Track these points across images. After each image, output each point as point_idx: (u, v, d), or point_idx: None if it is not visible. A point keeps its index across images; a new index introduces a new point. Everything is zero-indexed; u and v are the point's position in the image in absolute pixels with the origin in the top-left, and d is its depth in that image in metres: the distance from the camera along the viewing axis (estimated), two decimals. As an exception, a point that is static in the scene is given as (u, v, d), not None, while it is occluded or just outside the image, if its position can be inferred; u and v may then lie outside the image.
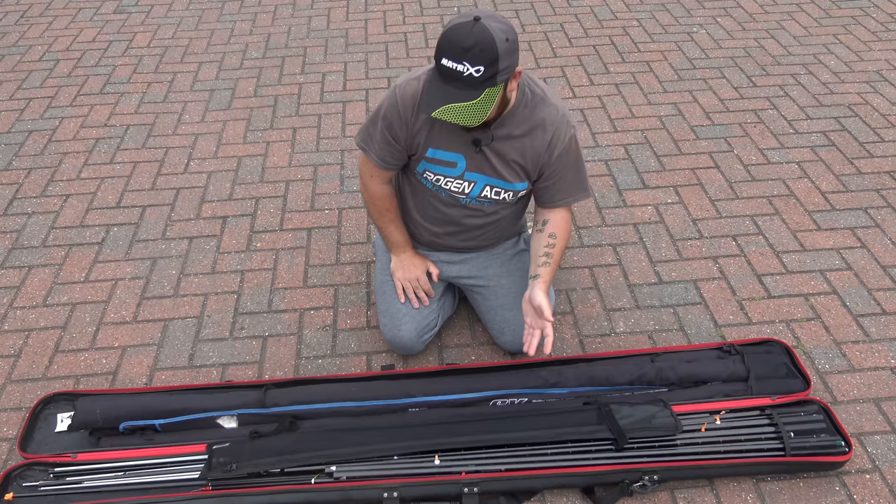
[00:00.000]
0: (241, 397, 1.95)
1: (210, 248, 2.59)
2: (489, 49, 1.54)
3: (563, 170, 1.87)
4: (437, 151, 1.84)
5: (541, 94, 1.80)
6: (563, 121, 1.81)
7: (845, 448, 1.82)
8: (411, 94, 1.78)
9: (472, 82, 1.56)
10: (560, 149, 1.82)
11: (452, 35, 1.56)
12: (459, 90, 1.57)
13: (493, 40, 1.54)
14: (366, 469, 1.77)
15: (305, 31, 4.01)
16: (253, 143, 3.13)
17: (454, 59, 1.55)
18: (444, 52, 1.57)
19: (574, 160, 1.88)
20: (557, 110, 1.80)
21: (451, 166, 1.86)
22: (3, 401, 2.07)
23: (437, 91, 1.60)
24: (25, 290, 2.44)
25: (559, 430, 1.82)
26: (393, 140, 1.85)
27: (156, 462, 1.82)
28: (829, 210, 2.71)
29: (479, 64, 1.54)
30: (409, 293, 2.09)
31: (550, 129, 1.80)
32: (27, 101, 3.43)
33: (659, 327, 2.27)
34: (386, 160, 1.91)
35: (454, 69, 1.56)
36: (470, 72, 1.55)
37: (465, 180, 1.88)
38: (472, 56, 1.54)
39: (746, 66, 3.61)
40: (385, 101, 1.84)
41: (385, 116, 1.83)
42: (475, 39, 1.54)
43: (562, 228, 1.94)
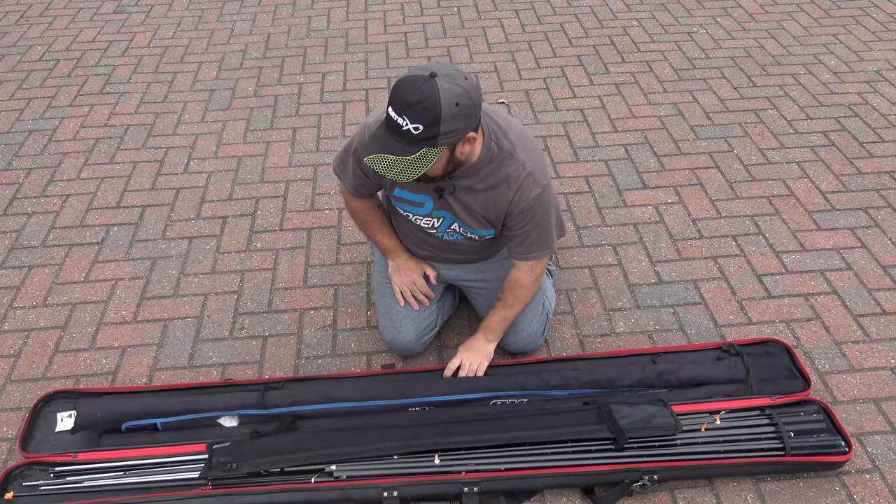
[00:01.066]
0: (241, 399, 1.95)
1: (210, 248, 2.60)
2: (432, 110, 1.47)
3: (527, 227, 1.81)
4: (403, 192, 1.86)
5: (509, 149, 1.72)
6: (528, 179, 1.73)
7: (845, 448, 1.82)
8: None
9: (410, 138, 1.50)
10: (522, 206, 1.76)
11: (401, 86, 1.50)
12: (397, 142, 1.52)
13: (438, 102, 1.47)
14: (366, 468, 1.77)
15: (305, 31, 4.01)
16: (253, 143, 3.13)
17: (397, 111, 1.50)
18: (391, 101, 1.52)
19: (540, 219, 1.81)
20: (524, 167, 1.72)
21: (418, 206, 1.87)
22: (3, 401, 2.07)
23: (378, 138, 1.56)
24: (25, 290, 2.44)
25: (559, 430, 1.82)
26: (363, 174, 1.88)
27: (156, 461, 1.82)
28: (829, 210, 2.72)
29: (418, 122, 1.48)
30: (407, 297, 2.09)
31: (514, 185, 1.74)
32: (27, 101, 3.43)
33: (659, 327, 2.27)
34: (358, 190, 1.95)
35: (395, 121, 1.51)
36: (408, 127, 1.49)
37: (434, 217, 1.88)
38: (414, 113, 1.48)
39: (746, 66, 3.61)
40: (355, 138, 1.83)
41: (355, 153, 1.83)
42: (420, 97, 1.47)
43: (510, 286, 1.94)
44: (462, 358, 2.02)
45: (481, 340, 2.03)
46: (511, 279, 1.94)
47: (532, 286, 1.95)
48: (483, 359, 2.02)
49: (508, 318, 2.00)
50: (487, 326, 2.02)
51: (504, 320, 2.00)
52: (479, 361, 2.01)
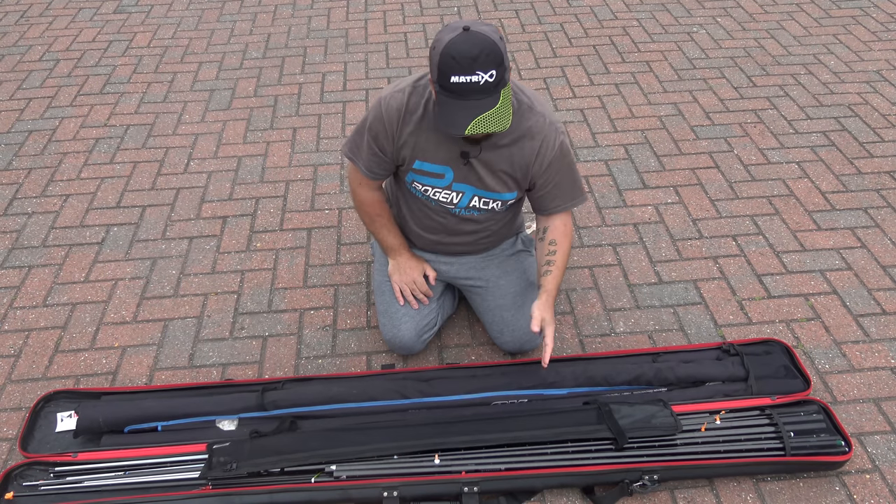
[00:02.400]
0: (241, 400, 1.95)
1: (210, 248, 2.60)
2: (494, 52, 1.54)
3: (557, 177, 1.85)
4: (423, 164, 1.84)
5: (528, 102, 1.78)
6: (550, 128, 1.78)
7: (845, 448, 1.82)
8: (396, 107, 1.76)
9: (489, 89, 1.54)
10: (550, 157, 1.80)
11: (453, 50, 1.52)
12: (479, 101, 1.55)
13: (494, 42, 1.54)
14: (366, 468, 1.77)
15: (305, 31, 4.01)
16: (253, 143, 3.14)
17: (465, 72, 1.52)
18: (451, 70, 1.53)
19: (567, 167, 1.86)
20: (545, 118, 1.78)
21: (438, 177, 1.86)
22: (3, 401, 2.07)
23: (457, 110, 1.56)
24: (25, 290, 2.44)
25: (559, 430, 1.82)
26: (380, 151, 1.85)
27: (156, 461, 1.82)
28: (829, 210, 2.72)
29: (491, 68, 1.53)
30: (406, 295, 2.08)
31: (538, 137, 1.77)
32: (27, 101, 3.43)
33: (659, 327, 2.27)
34: (373, 170, 1.91)
35: (468, 82, 1.53)
36: (485, 79, 1.53)
37: (453, 191, 1.87)
38: (482, 63, 1.52)
39: (746, 66, 3.61)
40: (370, 114, 1.82)
41: (371, 128, 1.82)
42: (480, 47, 1.52)
43: (562, 234, 1.93)
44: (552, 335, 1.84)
45: (551, 304, 1.87)
46: (559, 228, 1.91)
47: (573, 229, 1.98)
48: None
49: (563, 270, 1.92)
50: (557, 286, 1.89)
51: (562, 271, 1.91)
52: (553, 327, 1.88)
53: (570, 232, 1.95)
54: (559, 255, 1.90)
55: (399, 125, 1.78)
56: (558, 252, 1.90)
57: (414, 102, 1.77)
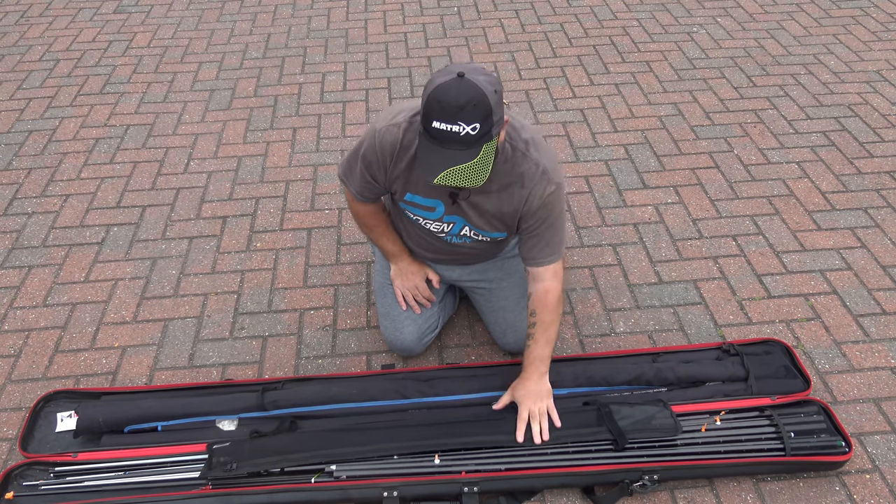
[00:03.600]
0: (241, 400, 1.95)
1: (210, 248, 2.60)
2: (482, 104, 1.47)
3: (539, 228, 1.77)
4: (415, 197, 1.82)
5: (522, 148, 1.71)
6: (542, 178, 1.71)
7: (845, 448, 1.82)
8: (390, 143, 1.73)
9: (469, 141, 1.48)
10: (537, 204, 1.73)
11: (441, 95, 1.47)
12: (458, 151, 1.49)
13: (484, 94, 1.47)
14: (366, 468, 1.77)
15: (305, 31, 4.01)
16: (253, 143, 3.13)
17: (447, 120, 1.47)
18: (434, 114, 1.48)
19: (556, 216, 1.77)
20: (538, 166, 1.70)
21: (429, 210, 1.84)
22: (3, 401, 2.07)
23: (434, 156, 1.51)
24: (25, 290, 2.44)
25: (559, 432, 1.81)
26: (372, 179, 1.83)
27: (156, 461, 1.82)
28: (829, 210, 2.72)
29: (475, 121, 1.47)
30: (409, 300, 2.08)
31: (528, 185, 1.71)
32: (27, 101, 3.43)
33: (659, 327, 2.27)
34: (364, 195, 1.91)
35: (449, 131, 1.47)
36: (466, 131, 1.47)
37: (445, 222, 1.86)
38: (466, 114, 1.46)
39: (746, 66, 3.61)
40: (365, 142, 1.79)
41: (364, 157, 1.80)
42: (468, 97, 1.46)
43: (541, 303, 1.80)
44: (527, 409, 1.81)
45: (534, 379, 1.83)
46: (540, 296, 1.81)
47: (562, 293, 1.84)
48: (546, 398, 1.83)
49: (552, 339, 1.83)
50: (535, 359, 1.82)
51: (549, 343, 1.82)
52: (544, 403, 1.83)
53: (552, 301, 1.81)
54: (538, 328, 1.81)
55: (392, 160, 1.75)
56: (537, 325, 1.81)
57: (409, 139, 1.71)
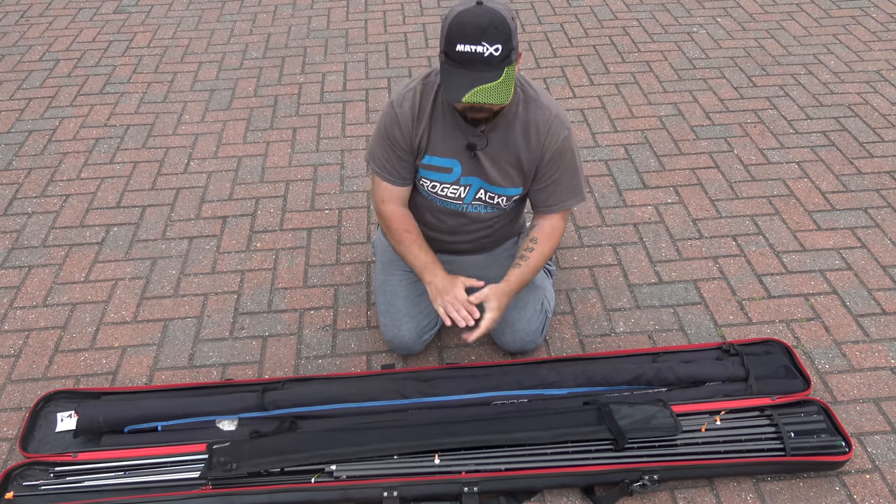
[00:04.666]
0: (241, 400, 1.95)
1: (210, 248, 2.60)
2: (503, 26, 1.54)
3: (557, 173, 1.85)
4: (432, 158, 1.84)
5: (534, 94, 1.79)
6: (555, 121, 1.78)
7: (845, 448, 1.82)
8: (409, 107, 1.78)
9: (493, 62, 1.54)
10: (553, 150, 1.80)
11: (464, 19, 1.54)
12: (481, 72, 1.55)
13: (504, 17, 1.55)
14: (366, 468, 1.77)
15: (305, 31, 4.01)
16: (253, 143, 3.13)
17: (471, 42, 1.53)
18: (458, 38, 1.54)
19: (569, 163, 1.85)
20: (550, 111, 1.78)
21: (446, 172, 1.86)
22: (3, 401, 2.07)
23: (459, 77, 1.56)
24: (25, 290, 2.44)
25: (559, 431, 1.82)
26: (401, 153, 1.85)
27: (156, 461, 1.82)
28: (829, 210, 2.72)
29: (497, 42, 1.53)
30: (454, 317, 1.87)
31: (543, 129, 1.78)
32: (27, 101, 3.43)
33: (659, 327, 2.27)
34: (402, 174, 1.89)
35: (472, 52, 1.53)
36: (489, 51, 1.53)
37: (461, 185, 1.88)
38: (490, 35, 1.53)
39: (746, 66, 3.61)
40: (385, 119, 1.82)
41: (387, 131, 1.82)
42: (488, 19, 1.53)
43: (546, 235, 1.91)
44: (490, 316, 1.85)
45: (506, 294, 1.88)
46: (546, 230, 1.91)
47: (561, 236, 1.94)
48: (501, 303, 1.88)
49: (539, 269, 1.93)
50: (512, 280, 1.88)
51: (535, 271, 1.91)
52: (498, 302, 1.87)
53: (555, 236, 1.92)
54: (535, 253, 1.89)
55: (414, 123, 1.79)
56: (535, 251, 1.90)
57: (425, 99, 1.79)
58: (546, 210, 1.92)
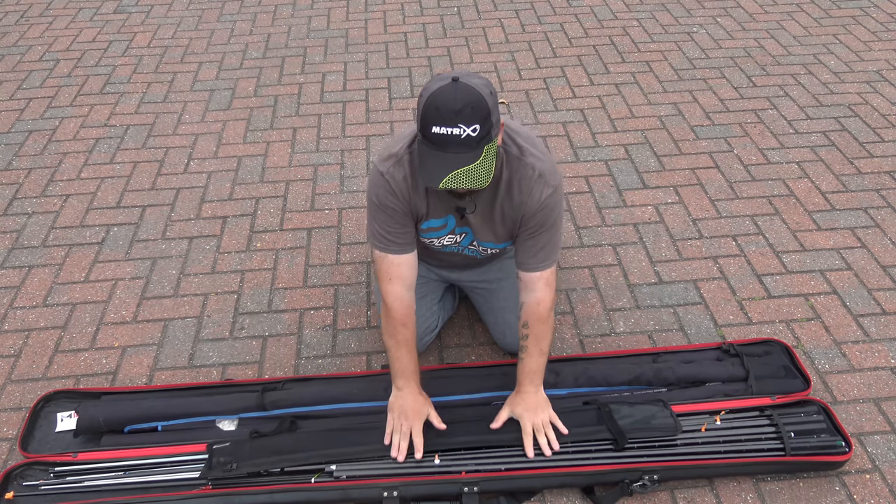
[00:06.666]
0: (241, 400, 1.95)
1: (210, 248, 2.60)
2: (479, 104, 1.47)
3: (540, 230, 1.76)
4: (430, 222, 1.81)
5: (516, 153, 1.70)
6: (539, 181, 1.70)
7: (845, 448, 1.82)
8: (403, 177, 1.71)
9: (470, 143, 1.48)
10: (535, 208, 1.72)
11: (438, 101, 1.47)
12: (459, 154, 1.48)
13: (481, 96, 1.48)
14: (366, 468, 1.77)
15: (305, 31, 4.01)
16: (253, 143, 3.14)
17: (447, 124, 1.46)
18: (433, 121, 1.48)
19: (553, 221, 1.76)
20: (534, 169, 1.69)
21: (442, 228, 1.84)
22: (3, 401, 2.07)
23: (436, 161, 1.50)
24: (25, 290, 2.44)
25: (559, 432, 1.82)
26: (402, 220, 1.77)
27: (156, 461, 1.82)
28: (829, 210, 2.72)
29: (475, 123, 1.47)
30: (394, 441, 1.78)
31: (526, 189, 1.71)
32: (27, 101, 3.43)
33: (659, 327, 2.27)
34: (406, 240, 1.80)
35: (449, 134, 1.47)
36: (467, 132, 1.46)
37: (456, 234, 1.86)
38: (465, 117, 1.46)
39: (746, 66, 3.61)
40: (378, 190, 1.74)
41: (384, 205, 1.74)
42: (465, 100, 1.46)
43: (534, 316, 1.78)
44: (530, 423, 1.79)
45: (531, 392, 1.82)
46: (532, 307, 1.78)
47: (553, 304, 1.81)
48: (546, 408, 1.82)
49: (545, 351, 1.81)
50: (530, 373, 1.81)
51: (542, 355, 1.81)
52: (545, 415, 1.81)
53: (543, 311, 1.78)
54: (531, 340, 1.79)
55: (410, 192, 1.74)
56: (530, 337, 1.79)
57: (414, 167, 1.70)
58: (526, 269, 1.79)
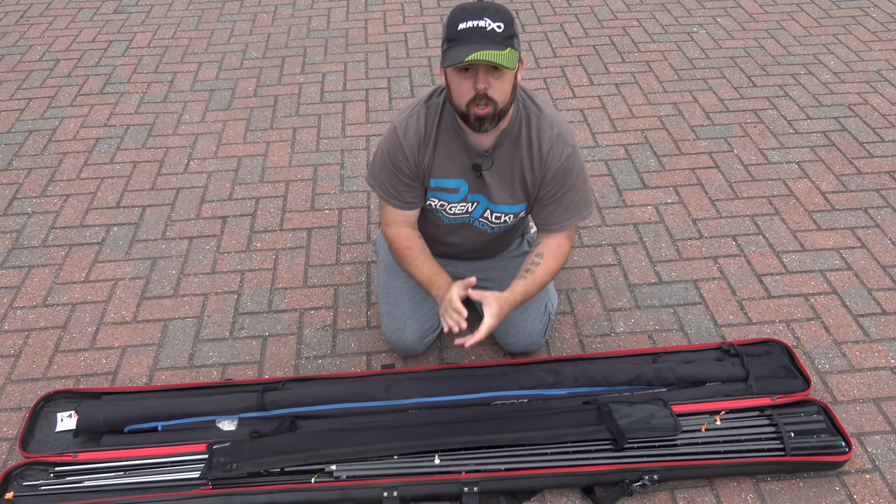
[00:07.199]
0: (241, 400, 1.95)
1: (210, 248, 2.60)
2: (504, 10, 1.56)
3: (559, 192, 1.81)
4: (440, 181, 1.82)
5: (536, 111, 1.75)
6: (557, 140, 1.75)
7: (845, 448, 1.82)
8: (414, 133, 1.75)
9: (496, 37, 1.52)
10: (555, 169, 1.77)
11: (464, 5, 1.56)
12: (484, 44, 1.51)
13: (505, 7, 1.58)
14: (366, 468, 1.77)
15: (305, 31, 4.01)
16: (253, 143, 3.13)
17: (473, 18, 1.53)
18: (458, 19, 1.54)
19: (572, 182, 1.80)
20: (552, 129, 1.75)
21: (453, 192, 1.84)
22: (3, 401, 2.07)
23: (460, 49, 1.52)
24: (25, 290, 2.44)
25: (559, 431, 1.82)
26: (406, 181, 1.82)
27: (156, 462, 1.82)
28: (829, 210, 2.71)
29: (500, 20, 1.53)
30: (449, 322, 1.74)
31: (545, 148, 1.75)
32: (27, 101, 3.43)
33: (659, 327, 2.27)
34: (407, 200, 1.86)
35: (475, 27, 1.52)
36: (492, 27, 1.52)
37: (468, 202, 1.87)
38: (491, 13, 1.53)
39: (746, 66, 3.61)
40: (389, 145, 1.79)
41: (392, 162, 1.79)
42: (489, 4, 1.55)
43: (552, 253, 1.85)
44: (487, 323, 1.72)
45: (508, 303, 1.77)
46: (553, 247, 1.85)
47: (568, 252, 1.90)
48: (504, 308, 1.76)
49: (544, 284, 1.85)
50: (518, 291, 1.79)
51: (539, 286, 1.84)
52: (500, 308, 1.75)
53: (561, 254, 1.86)
54: (540, 268, 1.83)
55: (420, 149, 1.76)
56: (541, 266, 1.84)
57: (430, 122, 1.76)
58: (549, 229, 1.87)
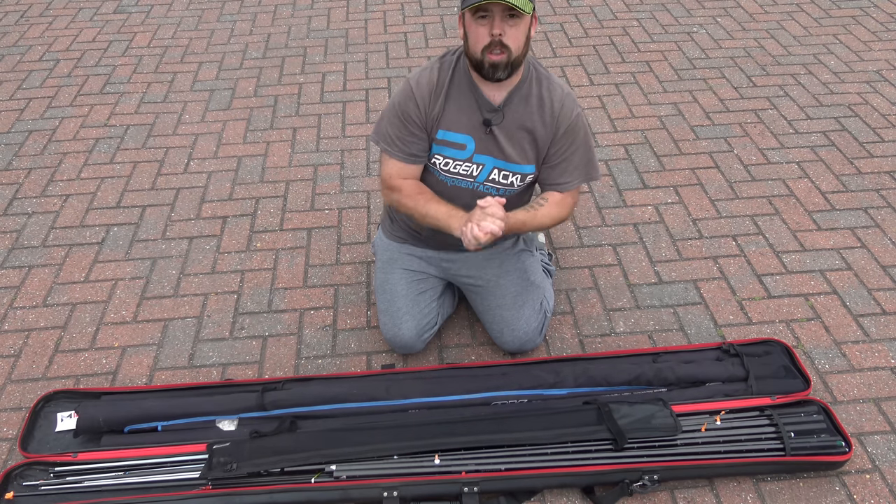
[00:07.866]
0: (241, 400, 1.95)
1: (210, 248, 2.60)
2: None
3: (569, 150, 1.87)
4: (447, 133, 1.85)
5: (546, 73, 1.85)
6: (568, 98, 1.83)
7: (845, 448, 1.82)
8: (427, 83, 1.81)
9: None
10: (566, 125, 1.83)
11: None
12: None
13: None
14: (366, 468, 1.77)
15: (305, 31, 4.01)
16: (253, 143, 3.13)
17: None
18: None
19: (581, 141, 1.87)
20: (562, 88, 1.84)
21: (460, 149, 1.87)
22: (3, 401, 2.07)
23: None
24: (25, 290, 2.44)
25: (559, 431, 1.82)
26: (415, 129, 1.85)
27: (156, 462, 1.82)
28: (829, 210, 2.71)
29: None
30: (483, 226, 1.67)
31: (557, 105, 1.82)
32: (27, 101, 3.43)
33: (659, 327, 2.27)
34: (412, 152, 1.88)
35: None
36: None
37: (474, 163, 1.88)
38: None
39: (746, 66, 3.61)
40: (401, 96, 1.85)
41: (402, 110, 1.84)
42: None
43: (557, 200, 1.91)
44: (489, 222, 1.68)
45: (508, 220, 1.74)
46: (558, 197, 1.90)
47: (571, 210, 1.96)
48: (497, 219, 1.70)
49: (542, 225, 1.91)
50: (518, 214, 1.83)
51: (537, 223, 1.89)
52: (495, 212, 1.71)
53: (565, 206, 1.92)
54: (543, 209, 1.88)
55: (431, 98, 1.82)
56: (544, 207, 1.89)
57: (443, 76, 1.82)
58: (557, 188, 1.92)
